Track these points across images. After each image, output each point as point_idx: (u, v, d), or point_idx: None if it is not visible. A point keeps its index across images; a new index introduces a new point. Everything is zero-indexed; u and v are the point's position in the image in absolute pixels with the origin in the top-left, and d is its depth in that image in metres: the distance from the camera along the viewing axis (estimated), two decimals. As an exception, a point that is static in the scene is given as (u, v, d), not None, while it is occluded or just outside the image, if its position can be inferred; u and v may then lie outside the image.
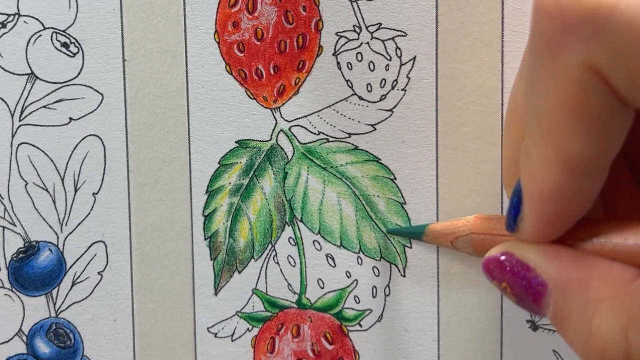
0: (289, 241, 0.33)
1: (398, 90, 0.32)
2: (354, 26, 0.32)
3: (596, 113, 0.22)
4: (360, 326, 0.33)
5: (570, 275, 0.24)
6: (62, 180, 0.33)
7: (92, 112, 0.33)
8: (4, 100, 0.33)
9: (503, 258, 0.26)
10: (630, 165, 0.27)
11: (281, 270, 0.33)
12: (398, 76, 0.32)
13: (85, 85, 0.33)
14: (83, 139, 0.33)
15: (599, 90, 0.22)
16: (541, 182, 0.24)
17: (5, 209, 0.33)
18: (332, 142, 0.32)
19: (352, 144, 0.32)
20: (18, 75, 0.33)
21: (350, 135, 0.32)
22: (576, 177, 0.23)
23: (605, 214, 0.27)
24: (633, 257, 0.24)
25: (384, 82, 0.32)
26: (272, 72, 0.32)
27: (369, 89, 0.32)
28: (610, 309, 0.23)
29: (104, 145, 0.33)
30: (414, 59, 0.32)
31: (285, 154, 0.33)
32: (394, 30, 0.32)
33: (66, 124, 0.33)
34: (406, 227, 0.32)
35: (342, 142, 0.32)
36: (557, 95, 0.22)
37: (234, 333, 0.34)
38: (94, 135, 0.33)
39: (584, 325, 0.24)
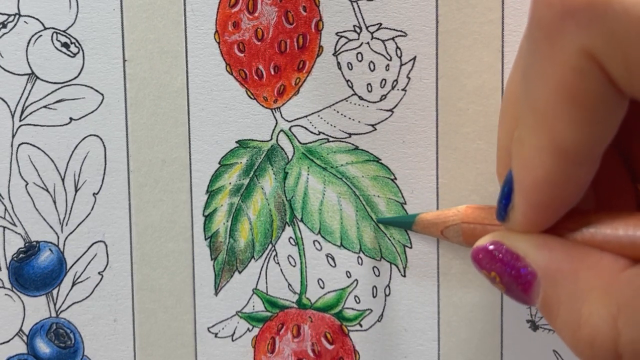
0: (289, 241, 0.33)
1: (398, 90, 0.32)
2: (354, 26, 0.32)
3: (591, 100, 0.22)
4: (360, 326, 0.33)
5: (560, 264, 0.24)
6: (62, 180, 0.33)
7: (92, 112, 0.33)
8: (4, 100, 0.33)
9: (492, 247, 0.26)
10: (623, 157, 0.27)
11: (281, 270, 0.33)
12: (398, 76, 0.32)
13: (86, 85, 0.33)
14: (83, 139, 0.33)
15: (595, 77, 0.22)
16: (532, 170, 0.24)
17: (6, 209, 0.33)
18: (332, 142, 0.32)
19: (352, 144, 0.32)
20: (18, 75, 0.33)
21: (350, 135, 0.32)
22: (568, 165, 0.23)
23: (597, 205, 0.27)
24: (623, 247, 0.24)
25: (384, 82, 0.32)
26: (272, 72, 0.32)
27: (369, 88, 0.32)
28: (600, 298, 0.23)
29: (104, 145, 0.33)
30: (414, 59, 0.32)
31: (285, 153, 0.33)
32: (394, 30, 0.32)
33: (66, 124, 0.33)
34: (396, 216, 0.32)
35: (342, 142, 0.32)
36: (553, 81, 0.22)
37: (234, 333, 0.34)
38: (94, 135, 0.33)
39: (573, 314, 0.24)
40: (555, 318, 0.24)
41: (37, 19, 0.32)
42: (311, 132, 0.33)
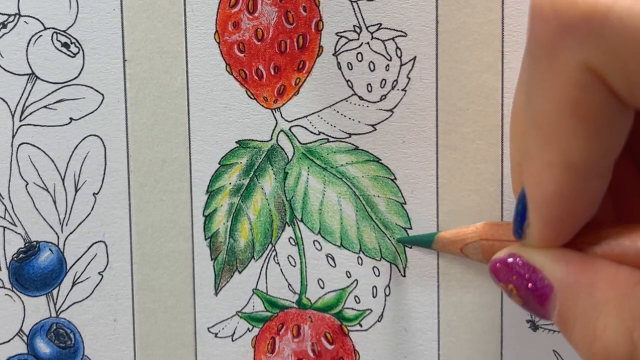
0: (289, 241, 0.33)
1: (398, 90, 0.32)
2: (354, 26, 0.32)
3: (595, 114, 0.22)
4: (360, 326, 0.33)
5: (576, 277, 0.24)
6: (62, 180, 0.33)
7: (92, 112, 0.33)
8: (4, 100, 0.33)
9: (510, 260, 0.26)
10: (637, 166, 0.27)
11: (281, 270, 0.33)
12: (398, 76, 0.32)
13: (86, 85, 0.33)
14: (83, 139, 0.33)
15: (597, 91, 0.22)
16: (544, 186, 0.24)
17: (6, 209, 0.33)
18: (332, 142, 0.32)
19: (352, 144, 0.32)
20: (18, 75, 0.33)
21: (350, 135, 0.32)
22: (578, 179, 0.23)
23: (616, 217, 0.27)
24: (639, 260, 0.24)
25: (384, 82, 0.32)
26: (272, 72, 0.32)
27: (369, 89, 0.32)
28: (616, 310, 0.23)
29: (104, 145, 0.33)
30: (414, 59, 0.32)
31: (285, 153, 0.33)
32: (394, 30, 0.32)
33: (66, 124, 0.33)
34: (415, 235, 0.32)
35: (342, 142, 0.32)
36: (555, 97, 0.22)
37: (234, 333, 0.34)
38: (94, 135, 0.33)
39: (589, 327, 0.24)
40: (571, 331, 0.24)
41: (37, 19, 0.32)
42: (311, 132, 0.33)
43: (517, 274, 0.25)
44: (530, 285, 0.25)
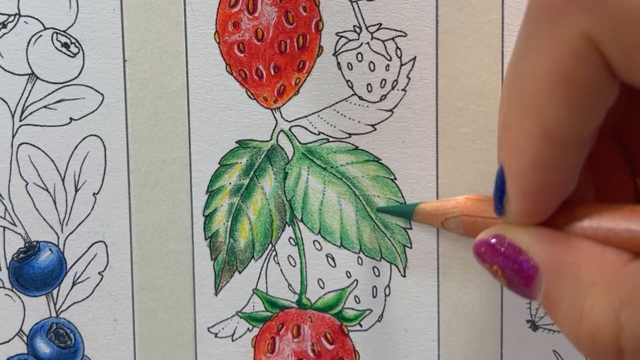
0: (289, 241, 0.33)
1: (398, 90, 0.32)
2: (354, 26, 0.32)
3: (584, 85, 0.22)
4: (360, 326, 0.33)
5: (562, 258, 0.24)
6: (63, 180, 0.33)
7: (92, 112, 0.33)
8: (4, 100, 0.33)
9: (494, 241, 0.26)
10: (622, 148, 0.27)
11: (281, 270, 0.33)
12: (398, 76, 0.32)
13: (86, 85, 0.33)
14: (83, 139, 0.33)
15: (593, 63, 0.22)
16: (521, 155, 0.24)
17: (6, 209, 0.33)
18: (332, 142, 0.32)
19: (352, 144, 0.32)
20: (18, 75, 0.33)
21: (350, 135, 0.32)
22: (555, 149, 0.23)
23: (597, 197, 0.27)
24: (625, 241, 0.24)
25: (384, 82, 0.32)
26: (272, 72, 0.32)
27: (369, 89, 0.32)
28: (602, 291, 0.23)
29: (104, 145, 0.33)
30: (414, 59, 0.32)
31: (285, 153, 0.33)
32: (394, 30, 0.32)
33: (66, 124, 0.33)
34: (396, 205, 0.32)
35: (342, 142, 0.32)
36: (548, 64, 0.22)
37: (234, 333, 0.34)
38: (94, 135, 0.33)
39: (575, 308, 0.24)
40: (557, 312, 0.24)
41: (37, 19, 0.32)
42: (311, 132, 0.33)
43: (502, 255, 0.25)
44: (515, 266, 0.25)
